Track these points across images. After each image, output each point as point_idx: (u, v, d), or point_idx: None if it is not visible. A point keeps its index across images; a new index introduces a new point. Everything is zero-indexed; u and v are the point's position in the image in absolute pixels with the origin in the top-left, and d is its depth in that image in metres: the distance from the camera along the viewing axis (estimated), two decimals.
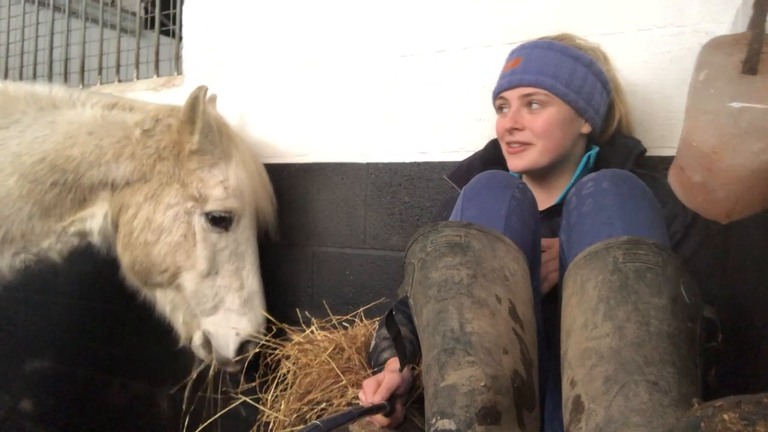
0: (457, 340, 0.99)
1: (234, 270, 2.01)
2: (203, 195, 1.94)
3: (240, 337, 1.99)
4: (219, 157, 1.98)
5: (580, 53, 1.53)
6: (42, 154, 1.85)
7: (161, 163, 1.93)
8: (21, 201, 1.85)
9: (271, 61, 2.32)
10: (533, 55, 1.54)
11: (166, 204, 1.93)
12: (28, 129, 1.87)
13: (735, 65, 0.85)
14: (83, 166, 1.88)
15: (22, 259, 1.94)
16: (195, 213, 1.95)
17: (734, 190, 0.86)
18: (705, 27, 1.67)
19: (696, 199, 0.93)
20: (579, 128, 1.55)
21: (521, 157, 1.54)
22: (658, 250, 1.04)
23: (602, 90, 1.55)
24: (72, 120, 1.90)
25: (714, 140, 0.85)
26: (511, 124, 1.53)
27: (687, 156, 0.91)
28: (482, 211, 1.23)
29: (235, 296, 2.01)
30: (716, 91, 0.85)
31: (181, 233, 1.94)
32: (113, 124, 1.93)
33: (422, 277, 1.12)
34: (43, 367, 2.92)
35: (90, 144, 1.88)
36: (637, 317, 0.95)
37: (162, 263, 1.95)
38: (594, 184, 1.22)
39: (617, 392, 0.88)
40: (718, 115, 0.85)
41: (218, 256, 1.99)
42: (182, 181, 1.94)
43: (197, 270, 1.96)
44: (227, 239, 2.00)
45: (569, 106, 1.51)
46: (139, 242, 1.94)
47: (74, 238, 1.99)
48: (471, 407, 0.91)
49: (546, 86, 1.50)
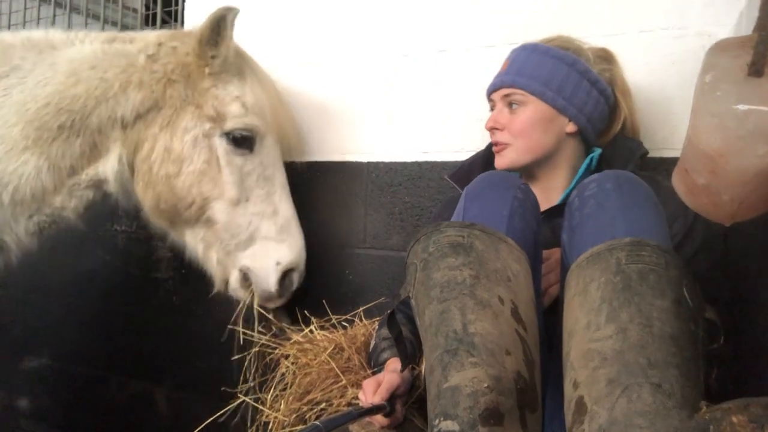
0: (460, 341, 0.99)
1: (265, 195, 1.89)
2: (221, 113, 1.82)
3: (281, 266, 1.88)
4: (233, 74, 1.85)
5: (563, 53, 1.55)
6: (46, 98, 1.74)
7: (171, 87, 1.81)
8: (27, 152, 1.74)
9: (272, 60, 2.32)
10: (518, 58, 1.59)
11: (183, 129, 1.80)
12: (29, 74, 1.77)
13: (741, 68, 0.85)
14: (90, 103, 1.77)
15: (35, 222, 1.83)
16: (215, 135, 1.83)
17: (739, 193, 0.86)
18: (708, 29, 1.67)
19: (700, 202, 0.93)
20: (562, 127, 1.56)
21: (501, 156, 1.59)
22: (660, 252, 1.04)
23: (590, 88, 1.56)
24: (72, 57, 1.80)
25: (719, 143, 0.85)
26: (491, 124, 1.60)
27: (692, 158, 0.91)
28: (485, 211, 1.23)
29: (269, 223, 1.89)
30: (722, 93, 0.85)
31: (204, 159, 1.81)
32: (115, 55, 1.81)
33: (425, 277, 1.12)
34: (40, 365, 2.90)
35: (94, 78, 1.77)
36: (641, 319, 0.95)
37: (188, 196, 1.82)
38: (597, 186, 1.22)
39: (620, 394, 0.88)
40: (723, 118, 0.85)
41: (246, 180, 1.86)
42: (196, 102, 1.81)
43: (226, 198, 1.83)
44: (253, 161, 1.87)
45: (547, 104, 1.53)
46: (160, 176, 1.81)
47: (88, 191, 1.87)
48: (474, 408, 0.91)
49: (521, 85, 1.54)
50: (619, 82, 1.62)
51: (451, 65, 2.03)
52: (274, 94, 1.97)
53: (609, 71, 1.60)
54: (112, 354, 2.70)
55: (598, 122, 1.59)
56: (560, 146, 1.57)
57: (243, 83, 1.86)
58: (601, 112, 1.59)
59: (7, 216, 1.77)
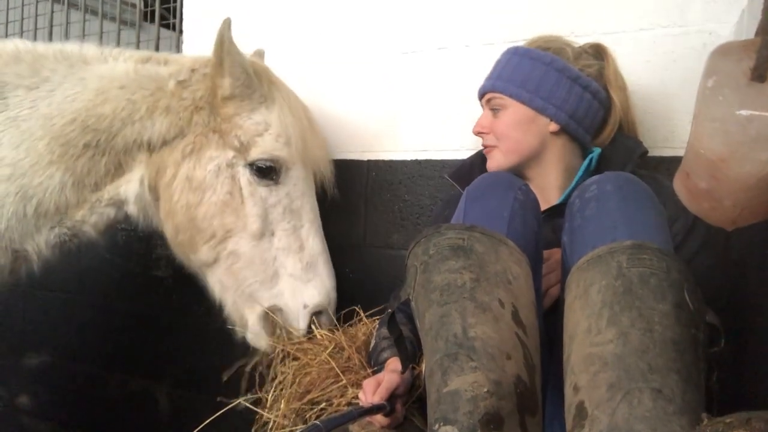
0: (460, 345, 0.99)
1: (291, 229, 1.79)
2: (244, 143, 1.74)
3: (308, 308, 1.77)
4: (259, 101, 1.78)
5: (541, 54, 1.58)
6: (73, 114, 1.70)
7: (198, 114, 1.75)
8: (52, 167, 1.71)
9: (272, 58, 2.30)
10: (500, 63, 1.65)
11: (207, 158, 1.74)
12: (58, 88, 1.73)
13: (744, 72, 0.84)
14: (116, 124, 1.72)
15: (57, 233, 1.79)
16: (238, 165, 1.75)
17: (741, 199, 0.86)
18: (709, 27, 1.67)
19: (702, 206, 0.93)
20: (544, 127, 1.58)
21: (490, 158, 1.64)
22: (662, 255, 1.03)
23: (570, 85, 1.56)
24: (103, 75, 1.75)
25: (722, 148, 0.85)
26: (476, 128, 1.66)
27: (694, 163, 0.91)
28: (485, 213, 1.22)
29: (295, 259, 1.77)
30: (724, 98, 0.85)
31: (227, 190, 1.74)
32: (146, 77, 1.77)
33: (425, 280, 1.11)
34: (41, 362, 2.91)
35: (122, 99, 1.73)
36: (642, 323, 0.95)
37: (208, 228, 1.74)
38: (597, 187, 1.22)
39: (621, 399, 0.88)
40: (726, 123, 0.84)
41: (270, 213, 1.77)
42: (220, 129, 1.75)
43: (249, 231, 1.74)
44: (278, 193, 1.78)
45: (525, 105, 1.57)
46: (181, 206, 1.74)
47: (109, 208, 1.82)
48: (474, 413, 0.91)
49: (500, 89, 1.60)
50: (611, 77, 1.61)
51: (450, 63, 2.02)
52: (305, 122, 1.88)
53: (595, 66, 1.60)
54: (112, 352, 2.71)
55: (585, 118, 1.59)
56: (546, 145, 1.59)
57: (270, 111, 1.79)
58: (588, 107, 1.59)
59: (30, 227, 1.75)
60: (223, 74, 1.72)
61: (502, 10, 1.94)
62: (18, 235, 1.75)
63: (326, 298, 1.80)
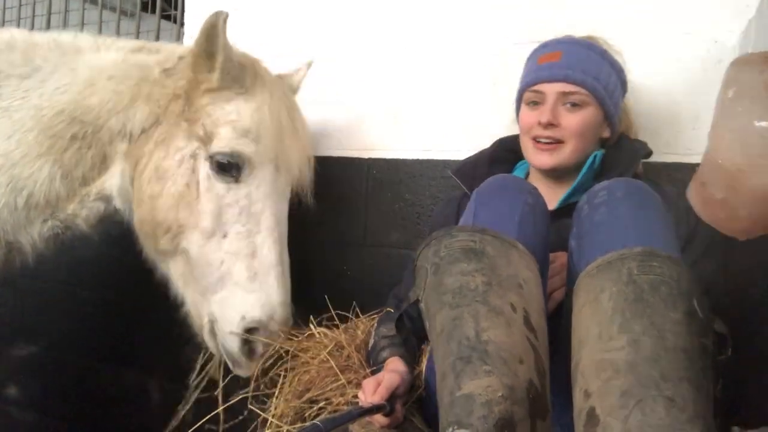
0: (473, 349, 0.99)
1: (245, 233, 1.66)
2: (209, 133, 1.64)
3: (245, 321, 1.62)
4: (238, 92, 1.69)
5: (614, 58, 1.54)
6: (61, 105, 1.66)
7: (174, 102, 1.68)
8: (40, 159, 1.66)
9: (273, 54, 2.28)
10: (574, 52, 1.51)
11: (175, 148, 1.65)
12: (49, 77, 1.69)
13: (764, 84, 0.85)
14: (102, 115, 1.67)
15: (50, 226, 1.75)
16: (200, 157, 1.66)
17: (757, 210, 0.87)
18: (715, 35, 1.68)
19: (717, 216, 0.93)
20: (603, 132, 1.56)
21: (552, 155, 1.51)
22: (672, 263, 1.04)
23: (621, 92, 1.57)
24: (93, 65, 1.70)
25: (739, 159, 0.85)
26: (548, 118, 1.48)
27: (710, 172, 0.91)
28: (496, 216, 1.22)
29: (242, 266, 1.64)
30: (744, 109, 0.85)
31: (184, 181, 1.64)
32: (134, 65, 1.70)
33: (436, 282, 1.11)
34: (31, 353, 2.88)
35: (108, 90, 1.67)
36: (653, 331, 0.96)
37: (165, 220, 1.65)
38: (607, 193, 1.22)
39: (634, 407, 0.88)
40: (744, 134, 0.85)
41: (225, 213, 1.66)
42: (190, 118, 1.66)
43: (200, 228, 1.64)
44: (237, 193, 1.66)
45: (603, 109, 1.51)
46: (147, 196, 1.66)
47: (98, 203, 1.76)
48: (489, 417, 0.91)
49: (589, 87, 1.48)
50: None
51: (455, 63, 2.02)
52: (285, 122, 1.75)
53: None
54: (104, 344, 2.68)
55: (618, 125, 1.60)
56: (594, 150, 1.56)
57: (246, 103, 1.68)
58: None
59: (21, 219, 1.72)
60: (214, 69, 1.65)
61: (506, 8, 1.94)
62: (11, 227, 1.72)
63: (265, 313, 1.64)
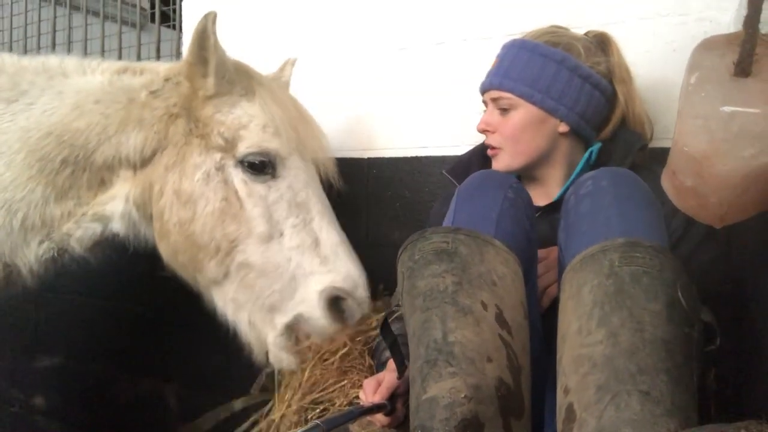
0: (440, 351, 0.98)
1: (301, 224, 1.61)
2: (229, 140, 1.60)
3: (325, 292, 1.56)
4: (239, 94, 1.65)
5: (551, 51, 1.51)
6: (48, 128, 1.62)
7: (174, 123, 1.63)
8: (32, 182, 1.63)
9: (272, 56, 2.30)
10: (507, 57, 1.57)
11: (192, 166, 1.59)
12: (37, 101, 1.66)
13: (727, 67, 0.83)
14: (92, 140, 1.62)
15: (46, 247, 1.71)
16: (228, 166, 1.60)
17: (726, 196, 0.85)
18: (709, 15, 1.64)
19: (689, 204, 0.91)
20: (554, 128, 1.53)
21: (496, 161, 1.58)
22: (655, 253, 1.01)
23: (581, 84, 1.51)
24: (80, 88, 1.67)
25: (705, 145, 0.83)
26: (482, 126, 1.59)
27: (679, 160, 0.89)
28: (474, 213, 1.21)
29: (311, 256, 1.59)
30: (707, 94, 0.83)
31: (221, 196, 1.58)
32: (120, 89, 1.67)
33: (410, 286, 1.10)
34: (54, 363, 2.94)
35: (96, 114, 1.63)
36: (632, 324, 0.94)
37: (210, 242, 1.58)
38: (593, 183, 1.20)
39: (609, 402, 0.87)
40: (709, 120, 0.82)
41: (274, 211, 1.60)
42: (201, 133, 1.61)
43: (256, 235, 1.57)
44: (279, 188, 1.62)
45: (536, 107, 1.50)
46: (173, 224, 1.60)
47: (95, 224, 1.70)
48: (450, 420, 0.90)
49: (509, 88, 1.52)
50: (617, 70, 1.57)
51: (448, 58, 2.01)
52: (293, 112, 1.73)
53: (604, 62, 1.56)
54: (122, 352, 2.73)
55: (594, 117, 1.56)
56: (555, 146, 1.55)
57: (252, 103, 1.66)
58: (597, 105, 1.55)
59: (18, 241, 1.69)
60: (207, 73, 1.61)
61: (499, 2, 1.92)
62: (8, 249, 1.70)
63: (344, 279, 1.58)
